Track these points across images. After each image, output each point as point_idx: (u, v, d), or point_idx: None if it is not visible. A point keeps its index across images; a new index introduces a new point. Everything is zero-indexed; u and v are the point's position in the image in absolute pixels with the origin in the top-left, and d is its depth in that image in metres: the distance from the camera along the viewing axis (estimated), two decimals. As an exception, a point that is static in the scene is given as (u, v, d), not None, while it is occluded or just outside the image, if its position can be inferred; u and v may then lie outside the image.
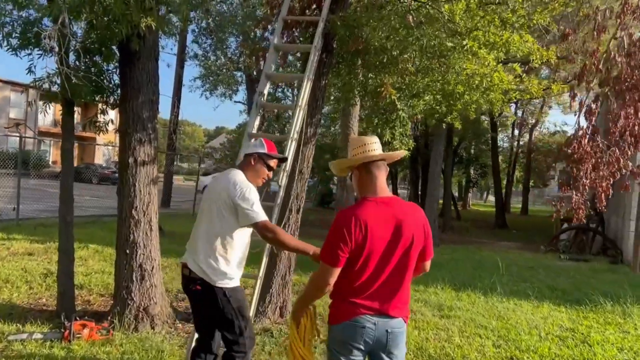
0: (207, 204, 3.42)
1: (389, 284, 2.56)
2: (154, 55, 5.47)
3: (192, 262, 3.35)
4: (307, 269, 8.43)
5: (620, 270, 9.80)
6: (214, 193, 3.38)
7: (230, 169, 3.53)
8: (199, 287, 3.31)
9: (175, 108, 18.15)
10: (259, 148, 3.54)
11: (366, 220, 2.49)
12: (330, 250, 2.52)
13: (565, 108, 27.47)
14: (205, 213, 3.41)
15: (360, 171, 2.72)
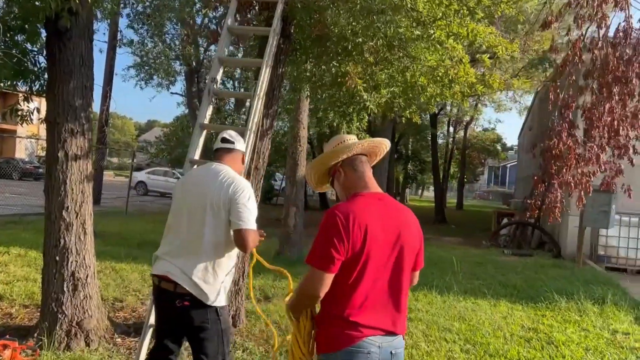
0: (198, 203, 2.90)
1: (391, 295, 2.17)
2: (88, 35, 4.80)
3: (181, 274, 2.83)
4: (261, 271, 7.95)
5: (564, 265, 10.00)
6: (210, 190, 2.89)
7: (218, 164, 3.04)
8: (187, 302, 2.83)
9: (107, 99, 16.99)
10: (244, 145, 3.29)
11: (364, 218, 2.10)
12: (322, 252, 2.06)
13: (499, 106, 28.32)
14: (198, 215, 2.89)
15: (345, 170, 2.32)
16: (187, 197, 2.99)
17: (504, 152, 44.93)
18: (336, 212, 2.10)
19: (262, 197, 26.80)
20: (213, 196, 2.86)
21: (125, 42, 13.46)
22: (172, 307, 2.87)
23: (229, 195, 2.85)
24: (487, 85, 5.74)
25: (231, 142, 3.15)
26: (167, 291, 2.87)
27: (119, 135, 77.06)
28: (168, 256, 2.94)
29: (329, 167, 2.38)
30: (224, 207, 2.85)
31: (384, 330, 2.14)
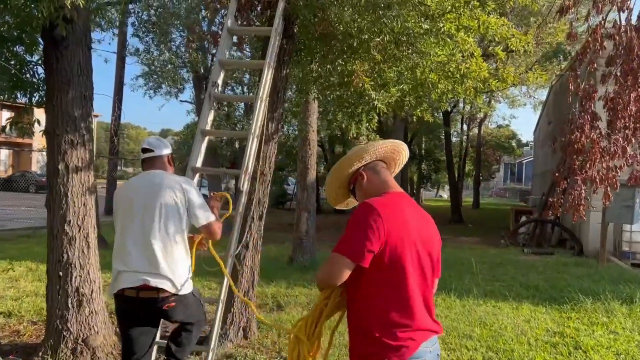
0: (148, 210, 3.03)
1: (428, 292, 2.06)
2: (85, 43, 4.67)
3: (160, 277, 2.96)
4: (270, 277, 7.78)
5: (586, 264, 9.65)
6: (157, 195, 3.04)
7: (153, 171, 3.22)
8: (174, 303, 3.00)
9: (117, 109, 16.98)
10: (170, 149, 3.41)
11: (398, 213, 2.01)
12: (352, 242, 1.95)
13: (512, 102, 27.82)
14: (150, 221, 3.01)
15: (367, 173, 2.22)
16: (134, 207, 3.09)
17: (519, 148, 44.27)
18: (370, 204, 2.00)
19: (274, 202, 26.70)
20: (162, 200, 3.02)
21: (132, 51, 13.40)
22: (159, 311, 3.02)
23: (180, 198, 3.05)
24: (501, 80, 5.50)
25: (150, 150, 3.29)
26: (153, 299, 2.96)
27: (133, 145, 77.63)
28: (135, 266, 2.99)
29: (350, 175, 2.28)
30: (177, 209, 3.04)
31: (431, 331, 2.02)
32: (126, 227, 3.09)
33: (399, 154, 2.32)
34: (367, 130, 7.18)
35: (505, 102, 27.88)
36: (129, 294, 2.99)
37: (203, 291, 7.05)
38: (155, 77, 13.43)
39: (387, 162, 2.31)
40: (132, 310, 3.07)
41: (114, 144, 17.73)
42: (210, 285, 7.30)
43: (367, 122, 6.70)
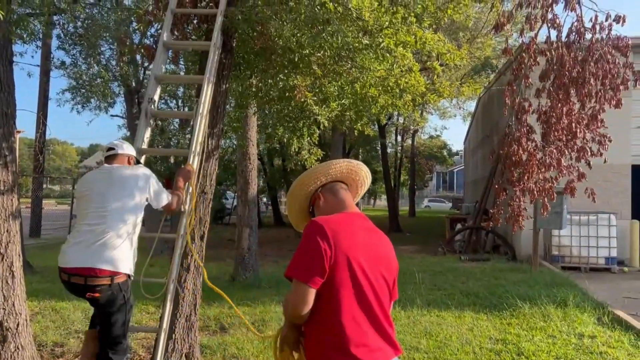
0: (103, 197, 3.35)
1: (382, 312, 1.99)
2: (6, 57, 4.35)
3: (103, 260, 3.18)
4: (212, 298, 7.52)
5: (520, 269, 10.03)
6: (114, 184, 3.40)
7: (113, 166, 3.57)
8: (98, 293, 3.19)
9: (42, 125, 16.05)
10: (133, 150, 3.76)
11: (348, 230, 1.95)
12: (304, 264, 1.88)
13: (443, 113, 28.85)
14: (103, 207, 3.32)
15: (325, 195, 2.18)
16: (95, 191, 3.41)
17: (450, 157, 45.88)
18: (317, 222, 1.94)
19: (213, 217, 26.17)
20: (119, 187, 3.38)
21: (57, 64, 12.70)
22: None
23: (140, 186, 3.44)
24: (437, 94, 5.63)
25: (112, 148, 3.67)
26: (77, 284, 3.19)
27: (60, 162, 74.10)
28: (81, 249, 3.21)
29: (307, 197, 2.23)
30: (137, 195, 3.40)
31: (389, 352, 1.96)
32: (83, 214, 3.38)
33: (356, 174, 2.27)
34: (309, 144, 7.14)
35: (436, 113, 28.84)
36: (64, 277, 3.27)
37: (141, 316, 6.70)
38: (84, 92, 12.80)
39: (347, 184, 2.26)
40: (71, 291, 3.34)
41: (39, 162, 16.74)
42: (148, 309, 6.95)
43: (308, 136, 6.67)
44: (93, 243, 3.19)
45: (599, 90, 4.01)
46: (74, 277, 3.19)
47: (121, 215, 3.31)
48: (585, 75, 3.91)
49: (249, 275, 9.25)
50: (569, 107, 4.04)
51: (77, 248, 3.23)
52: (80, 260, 3.18)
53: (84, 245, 3.21)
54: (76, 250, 3.22)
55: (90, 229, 3.25)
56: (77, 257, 3.20)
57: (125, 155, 3.68)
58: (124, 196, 3.37)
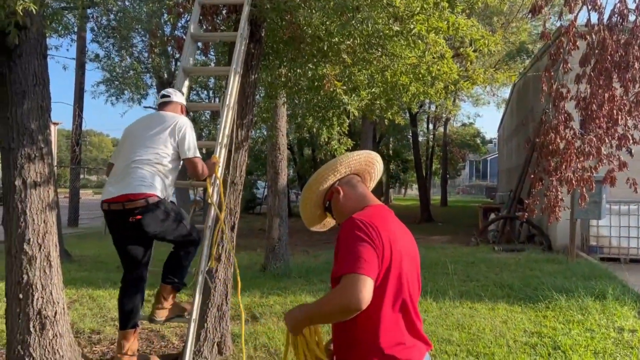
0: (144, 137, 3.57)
1: (416, 307, 1.96)
2: (41, 51, 4.41)
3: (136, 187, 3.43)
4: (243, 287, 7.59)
5: (556, 260, 9.78)
6: (154, 127, 3.59)
7: (161, 112, 3.78)
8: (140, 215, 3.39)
9: (78, 117, 16.44)
10: (183, 99, 3.97)
11: (387, 225, 1.88)
12: (361, 257, 1.73)
13: (477, 100, 28.30)
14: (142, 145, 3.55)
15: (343, 188, 2.08)
16: (130, 134, 3.70)
17: (484, 145, 45.04)
18: (360, 219, 1.85)
19: (244, 207, 26.44)
20: (159, 127, 3.56)
21: (91, 57, 12.94)
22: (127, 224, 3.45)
23: (173, 130, 3.55)
24: (470, 81, 5.48)
25: (168, 96, 3.88)
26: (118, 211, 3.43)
27: (96, 153, 75.88)
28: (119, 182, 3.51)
29: (324, 192, 2.12)
30: (172, 138, 3.54)
31: (426, 347, 1.95)
32: (122, 152, 3.64)
33: (373, 166, 2.19)
34: (339, 134, 7.08)
35: (469, 101, 28.34)
36: (104, 207, 3.54)
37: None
38: (117, 84, 13.02)
39: (361, 176, 2.18)
40: (111, 222, 3.59)
41: (75, 153, 17.18)
42: (181, 298, 7.06)
43: (338, 126, 6.61)
44: (126, 176, 3.49)
45: (645, 75, 3.82)
46: (113, 204, 3.48)
47: (153, 153, 3.51)
48: (629, 60, 3.72)
49: (279, 264, 9.29)
50: (610, 93, 3.87)
51: (113, 182, 3.56)
52: (116, 191, 3.49)
53: (120, 179, 3.52)
54: (113, 185, 3.55)
55: (125, 164, 3.54)
56: (114, 190, 3.51)
57: (178, 104, 3.86)
58: (157, 136, 3.55)
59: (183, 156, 3.59)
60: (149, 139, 3.58)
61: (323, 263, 10.14)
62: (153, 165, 3.52)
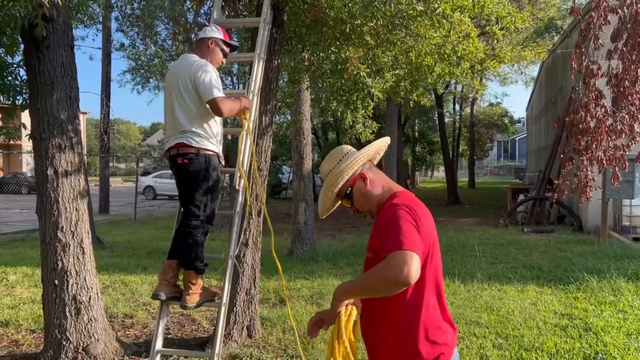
0: (173, 85, 3.58)
1: (442, 289, 1.99)
2: (68, 42, 4.49)
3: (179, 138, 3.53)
4: (270, 272, 7.69)
5: (588, 240, 9.61)
6: (178, 73, 3.57)
7: (187, 54, 3.72)
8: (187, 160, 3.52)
9: (105, 106, 16.71)
10: (216, 33, 3.76)
11: (422, 211, 1.92)
12: (410, 237, 1.73)
13: (504, 79, 27.72)
14: (173, 95, 3.57)
15: (368, 175, 2.07)
16: (167, 84, 3.70)
17: (512, 125, 44.21)
18: (404, 205, 1.88)
19: (270, 192, 26.60)
20: (180, 78, 3.54)
21: (117, 46, 13.11)
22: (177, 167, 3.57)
23: (190, 77, 3.50)
24: (497, 59, 5.36)
25: (198, 34, 3.88)
26: (173, 155, 3.55)
27: (124, 141, 77.16)
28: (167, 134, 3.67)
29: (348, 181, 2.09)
30: (190, 85, 3.50)
31: (452, 330, 1.96)
32: (166, 103, 3.67)
33: (383, 151, 2.20)
34: (363, 117, 7.03)
35: (496, 80, 27.78)
36: (166, 155, 3.71)
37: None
38: (143, 72, 13.17)
39: (372, 159, 2.18)
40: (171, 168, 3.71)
41: (104, 141, 17.49)
42: (211, 283, 7.18)
43: (362, 109, 6.56)
44: (175, 133, 3.56)
45: (679, 50, 3.67)
46: (171, 150, 3.58)
47: (186, 104, 3.51)
48: (663, 34, 3.58)
49: (306, 249, 9.36)
50: (645, 69, 3.74)
51: (169, 136, 3.64)
52: (172, 142, 3.58)
53: (171, 134, 3.60)
54: (167, 138, 3.66)
55: (169, 121, 3.62)
56: (170, 142, 3.60)
57: (205, 39, 3.74)
58: (184, 84, 3.51)
59: (206, 97, 3.46)
60: (178, 89, 3.55)
61: (349, 247, 10.17)
62: (195, 117, 3.54)
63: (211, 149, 3.59)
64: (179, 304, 3.65)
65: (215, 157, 3.64)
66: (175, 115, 3.56)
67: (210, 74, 3.49)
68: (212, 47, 3.72)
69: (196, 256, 3.59)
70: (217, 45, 3.75)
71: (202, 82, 3.45)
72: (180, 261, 3.66)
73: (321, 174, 2.17)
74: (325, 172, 2.12)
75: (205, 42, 3.73)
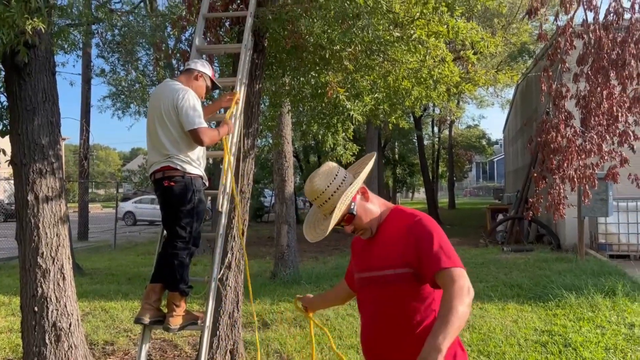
0: (156, 110, 3.59)
1: None
2: (49, 68, 4.52)
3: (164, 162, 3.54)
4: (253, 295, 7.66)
5: (566, 258, 9.78)
6: (162, 99, 3.57)
7: (168, 80, 3.76)
8: (173, 182, 3.54)
9: (85, 132, 16.61)
10: (207, 70, 3.85)
11: None
12: (454, 252, 1.87)
13: (480, 102, 28.30)
14: (156, 120, 3.58)
15: (365, 191, 2.05)
16: (150, 108, 3.69)
17: (489, 147, 44.98)
18: (429, 217, 1.98)
19: (252, 215, 26.46)
20: (163, 105, 3.53)
21: (97, 72, 13.11)
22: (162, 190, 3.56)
23: (175, 103, 3.49)
24: (472, 83, 5.54)
25: (189, 64, 3.91)
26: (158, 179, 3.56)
27: (103, 167, 76.31)
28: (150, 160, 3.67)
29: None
30: (172, 111, 3.50)
31: None
32: (149, 127, 3.67)
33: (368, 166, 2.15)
34: (344, 139, 7.15)
35: (473, 103, 28.34)
36: (151, 178, 3.68)
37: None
38: (123, 97, 13.17)
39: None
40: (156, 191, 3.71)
41: (83, 167, 17.33)
42: (193, 307, 7.12)
43: (343, 132, 6.68)
44: (159, 157, 3.56)
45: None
46: (156, 173, 3.59)
47: (169, 129, 3.51)
48: (625, 57, 3.77)
49: (289, 271, 9.34)
50: (609, 91, 3.92)
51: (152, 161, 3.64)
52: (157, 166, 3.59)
53: (155, 158, 3.60)
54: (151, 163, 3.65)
55: (153, 145, 3.61)
56: (154, 167, 3.60)
57: (195, 71, 3.78)
58: (166, 110, 3.52)
59: (187, 126, 3.47)
60: (161, 114, 3.56)
61: (332, 268, 10.17)
62: (176, 144, 3.55)
63: (195, 172, 3.62)
64: (162, 327, 3.63)
65: (199, 179, 3.67)
66: (159, 139, 3.57)
67: (192, 103, 3.52)
68: (199, 80, 3.79)
69: (181, 278, 3.60)
70: (204, 81, 3.82)
71: (184, 111, 3.47)
72: (165, 283, 3.65)
73: (313, 193, 2.01)
74: (320, 190, 1.98)
75: (194, 73, 3.78)
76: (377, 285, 1.98)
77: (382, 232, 2.01)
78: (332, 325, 6.05)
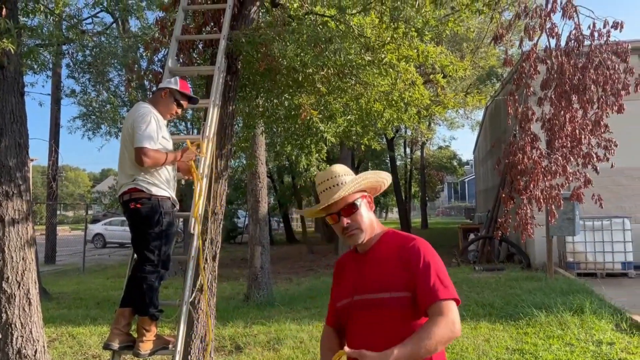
0: (123, 132, 3.66)
1: None
2: (18, 89, 4.48)
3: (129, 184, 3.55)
4: (226, 318, 7.56)
5: (535, 277, 9.92)
6: (127, 122, 3.63)
7: (137, 103, 3.76)
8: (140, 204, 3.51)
9: (54, 153, 16.30)
10: (172, 84, 3.78)
11: None
12: (450, 281, 1.89)
13: (451, 124, 28.87)
14: (123, 141, 3.64)
15: (371, 200, 2.11)
16: (122, 131, 3.77)
17: (460, 167, 45.72)
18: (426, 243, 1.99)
19: (225, 236, 26.23)
20: (127, 125, 3.62)
21: (67, 92, 12.94)
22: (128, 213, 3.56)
23: (133, 124, 3.51)
24: (442, 105, 5.67)
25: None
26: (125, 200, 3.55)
27: (73, 188, 74.69)
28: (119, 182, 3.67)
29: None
30: (132, 132, 3.50)
31: None
32: (120, 150, 3.69)
33: (381, 184, 2.20)
34: (317, 160, 7.19)
35: (444, 124, 28.87)
36: (120, 200, 3.66)
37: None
38: (94, 118, 13.01)
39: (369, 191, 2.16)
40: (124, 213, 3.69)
41: (52, 189, 16.97)
42: (164, 332, 6.98)
43: (316, 153, 6.72)
44: (126, 180, 3.55)
45: (601, 97, 4.05)
46: (123, 195, 3.57)
47: (132, 150, 3.48)
48: (586, 82, 3.94)
49: (262, 293, 9.26)
50: (571, 114, 4.07)
51: (120, 183, 3.64)
52: (124, 188, 3.57)
53: (123, 180, 3.59)
54: (120, 185, 3.64)
55: (121, 167, 3.64)
56: (122, 189, 3.59)
57: (160, 90, 3.80)
58: (128, 132, 3.54)
59: (135, 143, 3.44)
60: (126, 138, 3.58)
61: (306, 290, 10.13)
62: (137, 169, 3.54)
63: (162, 194, 3.59)
64: (132, 352, 3.56)
65: (168, 201, 3.64)
66: (125, 161, 3.58)
67: (146, 124, 3.48)
68: (164, 98, 3.73)
69: (151, 302, 3.54)
70: (170, 96, 3.74)
71: (135, 130, 3.46)
72: (135, 308, 3.58)
73: (328, 174, 2.06)
74: (337, 173, 2.04)
75: (160, 91, 3.78)
76: (371, 308, 1.93)
77: (376, 253, 2.00)
78: (307, 348, 6.01)
